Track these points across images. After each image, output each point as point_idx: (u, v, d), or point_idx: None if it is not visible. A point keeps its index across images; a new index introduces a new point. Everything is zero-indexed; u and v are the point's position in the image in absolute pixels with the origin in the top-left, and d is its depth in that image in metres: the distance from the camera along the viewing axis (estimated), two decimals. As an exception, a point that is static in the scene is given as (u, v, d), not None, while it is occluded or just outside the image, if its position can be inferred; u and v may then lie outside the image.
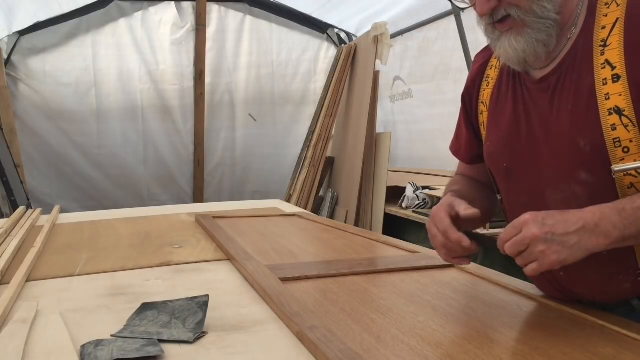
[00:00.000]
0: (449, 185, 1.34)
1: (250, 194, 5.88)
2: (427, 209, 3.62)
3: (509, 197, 1.19)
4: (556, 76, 1.06)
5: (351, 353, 0.86)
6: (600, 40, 1.00)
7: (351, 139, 4.46)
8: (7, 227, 2.01)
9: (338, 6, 5.52)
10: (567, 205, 1.00)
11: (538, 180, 1.08)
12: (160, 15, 5.61)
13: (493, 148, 1.18)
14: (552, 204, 1.04)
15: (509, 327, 1.02)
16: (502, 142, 1.15)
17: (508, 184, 1.17)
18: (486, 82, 1.23)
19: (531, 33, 1.03)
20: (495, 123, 1.18)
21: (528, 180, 1.10)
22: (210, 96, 5.81)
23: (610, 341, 0.94)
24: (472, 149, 1.30)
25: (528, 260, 0.94)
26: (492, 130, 1.19)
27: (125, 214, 2.50)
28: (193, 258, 1.60)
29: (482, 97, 1.23)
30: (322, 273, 1.38)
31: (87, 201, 5.47)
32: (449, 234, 1.04)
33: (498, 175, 1.20)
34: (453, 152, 1.38)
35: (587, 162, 1.00)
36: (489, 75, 1.23)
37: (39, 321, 1.08)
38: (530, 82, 1.11)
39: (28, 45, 5.27)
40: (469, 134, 1.29)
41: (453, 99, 4.68)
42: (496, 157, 1.18)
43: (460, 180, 1.33)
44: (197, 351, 0.94)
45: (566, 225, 0.92)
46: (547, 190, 1.06)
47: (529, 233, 0.92)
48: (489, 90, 1.21)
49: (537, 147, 1.08)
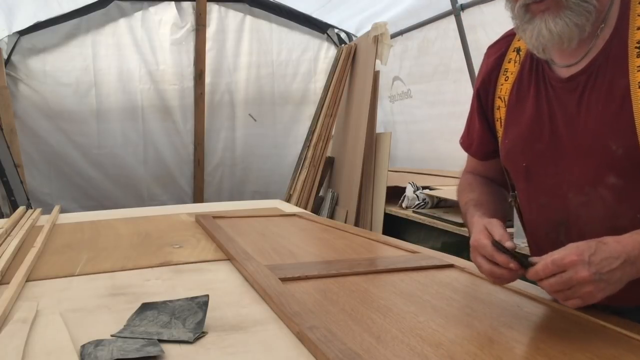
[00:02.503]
0: (462, 188, 1.28)
1: (250, 194, 5.88)
2: (427, 209, 3.62)
3: (526, 197, 1.16)
4: (586, 76, 1.02)
5: (351, 353, 0.86)
6: (636, 41, 0.97)
7: (351, 139, 4.46)
8: (7, 227, 2.00)
9: (338, 6, 5.52)
10: (590, 208, 0.99)
11: (560, 182, 1.06)
12: (160, 15, 5.60)
13: (511, 146, 1.15)
14: (574, 206, 1.03)
15: (509, 327, 1.02)
16: (522, 141, 1.12)
17: (526, 184, 1.14)
18: (504, 77, 1.17)
19: (570, 15, 0.98)
20: (515, 120, 1.14)
21: (549, 181, 1.08)
22: (210, 96, 5.81)
23: (611, 342, 0.94)
24: (485, 145, 1.25)
25: (570, 297, 0.92)
26: (510, 128, 1.15)
27: (125, 214, 2.49)
28: (193, 258, 1.60)
29: (500, 91, 1.18)
30: (322, 273, 1.38)
31: (87, 201, 5.47)
32: (495, 257, 0.99)
33: (516, 174, 1.17)
34: (464, 147, 1.33)
35: (618, 166, 0.98)
36: (508, 69, 1.17)
37: (39, 321, 1.07)
38: (555, 80, 1.07)
39: (28, 45, 5.26)
40: (482, 129, 1.24)
41: (452, 99, 4.68)
42: (515, 155, 1.14)
43: (474, 182, 1.28)
44: (197, 351, 0.94)
45: (610, 261, 0.90)
46: (570, 192, 1.04)
47: (578, 276, 0.89)
48: (507, 85, 1.16)
49: (561, 147, 1.05)
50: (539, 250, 1.14)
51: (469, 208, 1.18)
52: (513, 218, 2.44)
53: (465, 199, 1.23)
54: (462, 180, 1.32)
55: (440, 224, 3.21)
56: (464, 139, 1.32)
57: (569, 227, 1.06)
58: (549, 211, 1.08)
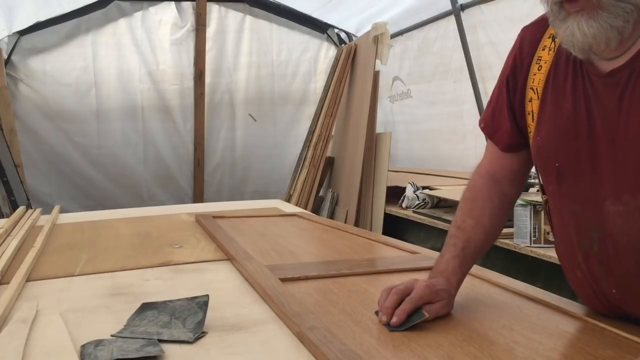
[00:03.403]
0: (467, 197, 1.18)
1: (250, 194, 5.88)
2: (427, 209, 3.62)
3: (557, 203, 1.06)
4: (628, 71, 0.92)
5: (351, 354, 0.86)
6: None
7: (351, 139, 4.46)
8: (7, 227, 2.00)
9: (338, 6, 5.52)
10: (628, 219, 0.92)
11: (596, 189, 0.97)
12: (160, 15, 5.60)
13: (544, 143, 1.04)
14: (611, 215, 0.95)
15: (509, 328, 1.02)
16: (556, 139, 1.02)
17: (558, 187, 1.04)
18: (537, 66, 1.06)
19: (606, 17, 0.89)
20: (549, 115, 1.04)
21: (584, 186, 0.99)
22: (210, 96, 5.81)
23: (611, 344, 0.94)
24: (510, 137, 1.14)
25: None
26: (543, 123, 1.04)
27: (125, 214, 2.50)
28: (193, 258, 1.60)
29: (532, 82, 1.06)
30: (322, 273, 1.38)
31: (87, 201, 5.47)
32: (380, 303, 1.04)
33: (547, 176, 1.07)
34: (487, 132, 1.19)
35: None
36: (541, 57, 1.06)
37: (39, 321, 1.07)
38: (595, 75, 0.97)
39: (28, 45, 5.26)
40: (510, 120, 1.13)
41: (452, 99, 4.68)
42: (547, 154, 1.04)
43: (478, 200, 1.16)
44: (197, 351, 0.94)
45: None
46: (607, 200, 0.95)
47: None
48: (540, 76, 1.05)
49: (599, 150, 0.95)
50: (570, 259, 1.07)
51: (452, 238, 1.13)
52: (513, 218, 2.46)
53: (459, 220, 1.15)
54: (472, 183, 1.19)
55: (440, 224, 3.21)
56: (488, 123, 1.18)
57: (603, 238, 0.97)
58: (582, 219, 0.99)
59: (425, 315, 1.01)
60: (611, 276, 0.99)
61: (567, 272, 1.11)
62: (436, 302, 1.04)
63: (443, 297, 1.05)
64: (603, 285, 1.01)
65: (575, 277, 1.08)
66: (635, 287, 0.96)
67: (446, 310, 1.06)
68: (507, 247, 2.54)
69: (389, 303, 1.02)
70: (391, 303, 1.02)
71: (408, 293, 1.03)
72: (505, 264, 2.59)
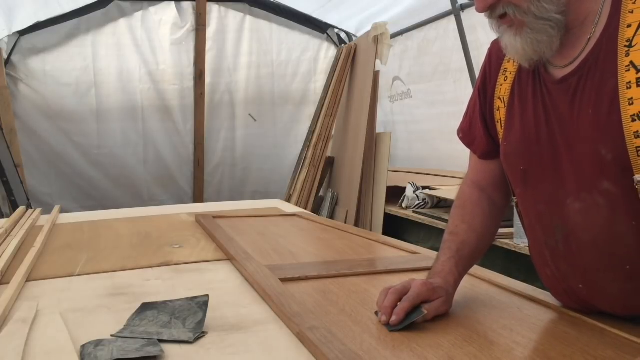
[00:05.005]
0: (458, 205, 1.22)
1: (250, 194, 5.88)
2: (427, 209, 3.62)
3: (525, 204, 1.12)
4: (577, 77, 0.98)
5: (351, 354, 0.86)
6: (625, 40, 0.92)
7: (351, 139, 4.46)
8: (7, 227, 2.00)
9: (338, 6, 5.51)
10: (588, 215, 0.96)
11: (558, 189, 1.02)
12: (160, 15, 5.60)
13: (510, 149, 1.11)
14: (572, 213, 0.99)
15: (509, 329, 1.02)
16: (520, 143, 1.08)
17: (524, 190, 1.10)
18: (503, 77, 1.14)
19: (530, 33, 0.98)
20: (513, 122, 1.10)
21: (547, 188, 1.04)
22: (210, 96, 5.81)
23: (610, 344, 0.94)
24: (486, 145, 1.20)
25: None
26: (510, 130, 1.11)
27: (125, 214, 2.50)
28: (193, 258, 1.60)
29: (499, 92, 1.14)
30: (322, 273, 1.38)
31: (86, 201, 5.46)
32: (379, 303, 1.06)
33: (514, 179, 1.13)
34: (466, 142, 1.26)
35: (608, 171, 0.94)
36: (507, 68, 1.14)
37: (39, 321, 1.07)
38: (550, 82, 1.03)
39: (28, 45, 5.26)
40: (484, 128, 1.20)
41: (452, 99, 4.68)
42: (513, 159, 1.11)
43: (468, 207, 1.21)
44: (197, 351, 0.94)
45: None
46: (568, 199, 1.00)
47: None
48: (506, 85, 1.13)
49: (557, 152, 1.01)
50: (540, 257, 1.12)
51: (446, 242, 1.16)
52: (513, 218, 2.45)
53: (452, 226, 1.19)
54: (460, 192, 1.25)
55: (440, 224, 3.21)
56: (466, 134, 1.25)
57: (567, 236, 1.02)
58: (547, 218, 1.04)
59: (424, 312, 1.02)
60: (577, 272, 1.04)
61: (539, 271, 1.16)
62: (434, 299, 1.06)
63: (441, 294, 1.07)
64: (570, 281, 1.06)
65: (545, 275, 1.13)
66: (599, 281, 1.00)
67: (445, 307, 1.08)
68: (507, 247, 2.54)
69: (388, 303, 1.04)
70: (390, 302, 1.04)
71: (406, 292, 1.05)
72: (505, 264, 2.59)
